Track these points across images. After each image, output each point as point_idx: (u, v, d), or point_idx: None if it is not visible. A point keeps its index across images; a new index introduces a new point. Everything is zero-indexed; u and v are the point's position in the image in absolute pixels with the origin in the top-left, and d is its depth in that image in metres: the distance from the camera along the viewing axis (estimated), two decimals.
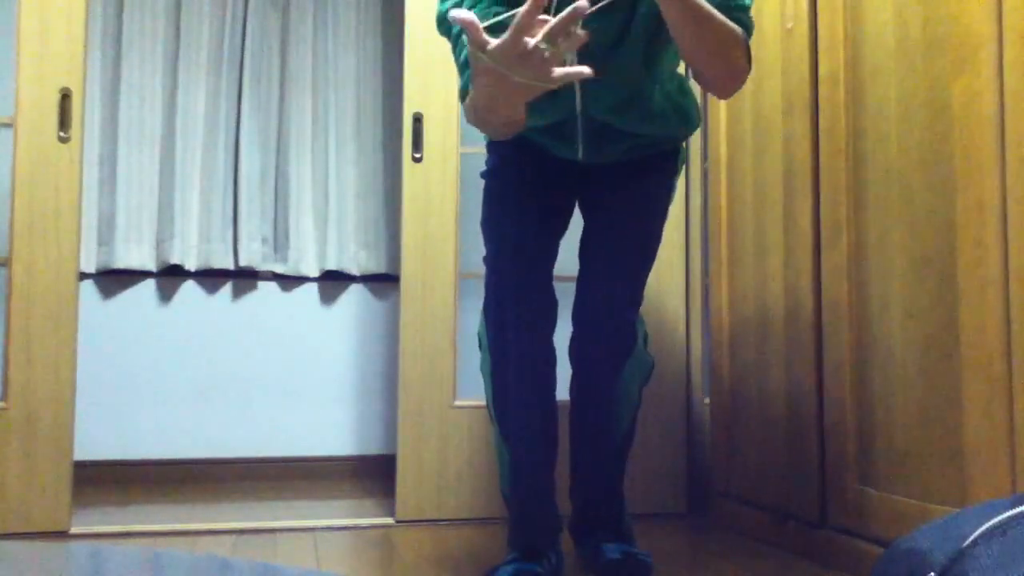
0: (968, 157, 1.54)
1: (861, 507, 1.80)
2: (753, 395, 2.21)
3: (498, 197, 1.76)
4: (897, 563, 0.93)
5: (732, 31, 1.50)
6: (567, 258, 1.85)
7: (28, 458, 2.16)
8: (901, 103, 1.73)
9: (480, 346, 1.74)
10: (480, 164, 1.87)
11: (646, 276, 1.78)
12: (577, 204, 1.85)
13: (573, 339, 1.75)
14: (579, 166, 1.77)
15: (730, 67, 1.54)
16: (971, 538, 0.84)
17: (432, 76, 2.46)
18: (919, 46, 1.68)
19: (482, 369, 1.73)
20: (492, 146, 1.83)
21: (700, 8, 1.44)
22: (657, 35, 1.61)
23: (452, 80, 2.45)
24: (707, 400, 2.56)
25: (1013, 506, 0.87)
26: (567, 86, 1.62)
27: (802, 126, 2.02)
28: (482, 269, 1.73)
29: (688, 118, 1.76)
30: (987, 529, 0.84)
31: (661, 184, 1.80)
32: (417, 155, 2.43)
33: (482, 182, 1.81)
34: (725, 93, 1.61)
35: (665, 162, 1.80)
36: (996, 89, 1.49)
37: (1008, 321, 1.46)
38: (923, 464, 1.64)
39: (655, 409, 2.50)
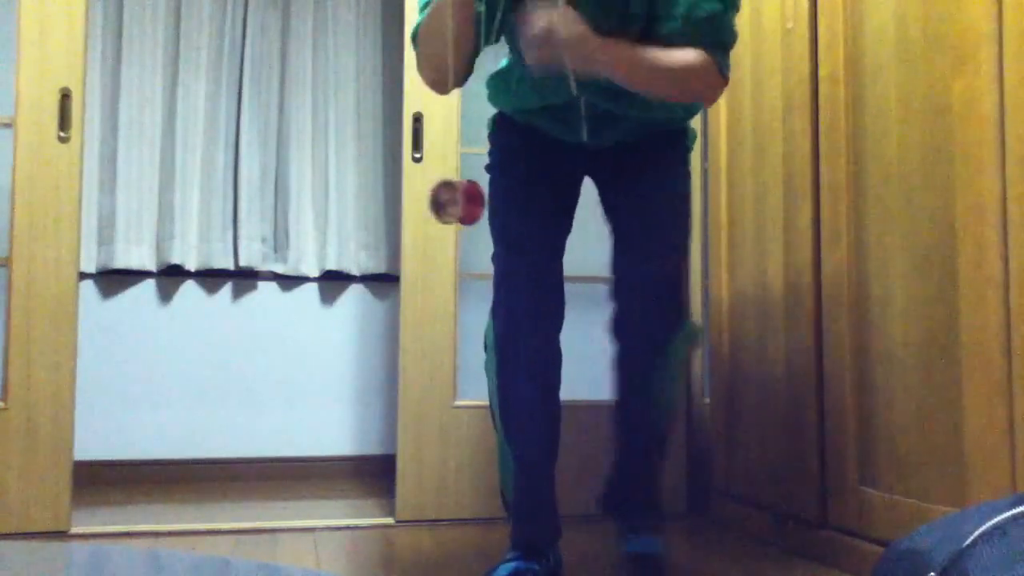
0: (968, 157, 1.54)
1: (861, 507, 1.80)
2: (753, 395, 2.21)
3: (504, 193, 1.74)
4: (897, 563, 0.93)
5: (686, 66, 1.51)
6: (571, 258, 1.84)
7: (28, 458, 2.16)
8: (901, 103, 1.73)
9: (485, 347, 1.73)
10: (481, 163, 1.85)
11: (683, 247, 1.72)
12: (597, 192, 1.81)
13: (617, 318, 1.68)
14: (586, 151, 1.75)
15: (695, 95, 1.59)
16: (971, 538, 0.84)
17: None
18: (919, 46, 1.68)
19: (486, 368, 1.73)
20: (494, 138, 1.81)
21: (646, 64, 1.48)
22: (652, 27, 1.58)
23: None
24: (707, 400, 2.56)
25: (1013, 506, 0.87)
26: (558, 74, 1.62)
27: (802, 126, 2.02)
28: (481, 268, 1.72)
29: (689, 104, 1.75)
30: (987, 529, 0.84)
31: (674, 160, 1.77)
32: (417, 155, 2.43)
33: (486, 176, 1.79)
34: (704, 105, 1.64)
35: (673, 141, 1.78)
36: (996, 89, 1.49)
37: (1008, 321, 1.45)
38: (923, 464, 1.64)
39: None
